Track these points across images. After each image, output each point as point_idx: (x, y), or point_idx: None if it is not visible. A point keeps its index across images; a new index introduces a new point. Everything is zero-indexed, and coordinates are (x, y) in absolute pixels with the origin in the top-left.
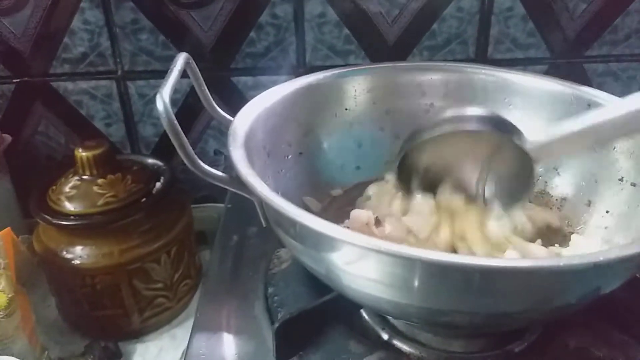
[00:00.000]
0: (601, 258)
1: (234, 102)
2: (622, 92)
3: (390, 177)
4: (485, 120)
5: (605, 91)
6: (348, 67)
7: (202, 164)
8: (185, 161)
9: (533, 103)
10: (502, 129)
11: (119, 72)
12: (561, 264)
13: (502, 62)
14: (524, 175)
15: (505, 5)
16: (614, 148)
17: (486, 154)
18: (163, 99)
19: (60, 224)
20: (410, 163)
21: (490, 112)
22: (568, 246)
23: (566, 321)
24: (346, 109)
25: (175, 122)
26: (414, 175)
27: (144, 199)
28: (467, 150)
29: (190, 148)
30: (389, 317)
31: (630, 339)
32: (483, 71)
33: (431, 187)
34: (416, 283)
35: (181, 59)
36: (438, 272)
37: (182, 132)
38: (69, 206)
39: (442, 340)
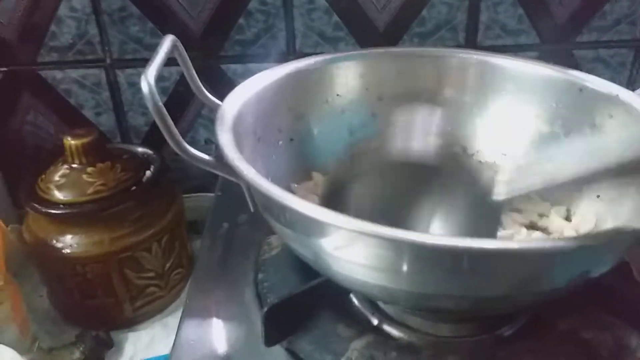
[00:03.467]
0: (587, 241)
1: (224, 90)
2: (611, 79)
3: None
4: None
5: None
6: (339, 53)
7: (188, 146)
8: (171, 144)
9: (525, 88)
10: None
11: (108, 61)
12: (547, 245)
13: (491, 48)
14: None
15: None
16: (603, 132)
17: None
18: (148, 80)
19: (50, 212)
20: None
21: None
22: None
23: (556, 305)
24: (338, 95)
25: (160, 103)
26: None
27: (133, 187)
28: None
29: (176, 130)
30: (379, 302)
31: (617, 320)
32: (475, 56)
33: None
34: (404, 267)
35: (168, 41)
36: (426, 255)
37: (167, 114)
38: (59, 195)
39: (432, 325)
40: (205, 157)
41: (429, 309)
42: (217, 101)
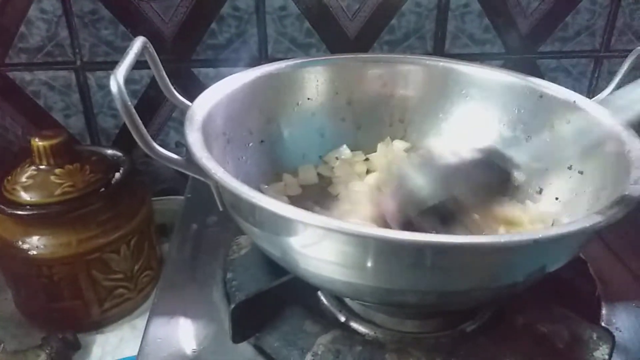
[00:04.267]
0: (540, 235)
1: (195, 93)
2: (573, 88)
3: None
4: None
5: None
6: (310, 58)
7: (156, 146)
8: (140, 143)
9: (488, 94)
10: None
11: (78, 63)
12: (502, 240)
13: (458, 57)
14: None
15: (462, 2)
16: (562, 136)
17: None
18: (117, 79)
19: (15, 213)
20: None
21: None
22: None
23: (516, 301)
24: (308, 99)
25: (130, 103)
26: None
27: (102, 189)
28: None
29: (145, 130)
30: (346, 300)
31: (572, 314)
32: (441, 63)
33: None
34: (369, 262)
35: (138, 42)
36: (389, 250)
37: (136, 114)
38: (25, 196)
39: (397, 321)
40: (174, 156)
41: (394, 303)
42: (187, 102)
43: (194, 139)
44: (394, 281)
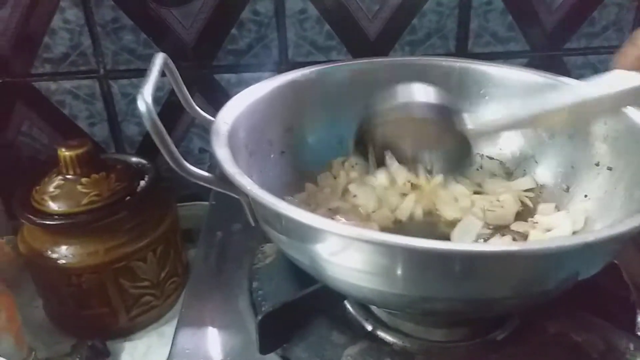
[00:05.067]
0: (575, 241)
1: (218, 99)
2: None
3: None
4: (430, 107)
5: None
6: (329, 64)
7: (186, 164)
8: (170, 162)
9: (510, 94)
10: (445, 114)
11: (101, 72)
12: (536, 247)
13: (482, 55)
14: (464, 151)
15: None
16: (589, 134)
17: (431, 133)
18: (145, 99)
19: (45, 223)
20: (366, 139)
21: (436, 99)
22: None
23: (546, 309)
24: (327, 106)
25: (159, 122)
26: (370, 150)
27: (128, 198)
28: (414, 131)
29: (175, 148)
30: (373, 308)
31: (607, 323)
32: (458, 64)
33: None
34: (398, 270)
35: (159, 59)
36: (419, 259)
37: (165, 133)
38: (53, 206)
39: (425, 330)
40: (204, 174)
41: (423, 311)
42: (208, 117)
43: (223, 154)
44: (422, 289)
